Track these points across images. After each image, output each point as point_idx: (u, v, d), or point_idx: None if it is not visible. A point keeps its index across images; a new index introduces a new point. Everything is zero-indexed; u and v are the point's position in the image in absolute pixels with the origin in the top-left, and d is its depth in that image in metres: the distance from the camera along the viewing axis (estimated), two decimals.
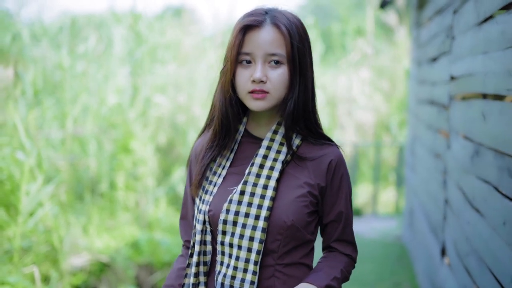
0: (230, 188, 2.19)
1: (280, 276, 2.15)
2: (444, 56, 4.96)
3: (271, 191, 2.12)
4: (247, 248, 2.10)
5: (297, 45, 2.13)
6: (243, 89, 2.13)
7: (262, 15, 2.14)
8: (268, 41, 2.10)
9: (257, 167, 2.17)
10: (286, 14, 2.17)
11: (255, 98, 2.11)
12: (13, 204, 6.82)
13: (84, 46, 10.90)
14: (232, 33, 2.16)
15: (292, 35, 2.12)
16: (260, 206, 2.10)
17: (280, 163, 2.16)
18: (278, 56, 2.11)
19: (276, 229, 2.10)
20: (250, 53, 2.11)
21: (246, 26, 2.12)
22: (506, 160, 2.78)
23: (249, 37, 2.12)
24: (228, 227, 2.12)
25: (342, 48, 17.88)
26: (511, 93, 2.71)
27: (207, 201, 2.19)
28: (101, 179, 9.10)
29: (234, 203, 2.13)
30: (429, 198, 5.75)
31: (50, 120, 9.13)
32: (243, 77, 2.13)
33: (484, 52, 3.34)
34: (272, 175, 2.15)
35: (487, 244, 3.14)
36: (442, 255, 4.79)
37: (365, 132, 14.20)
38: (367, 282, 6.54)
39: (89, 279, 7.29)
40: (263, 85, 2.10)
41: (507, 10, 2.89)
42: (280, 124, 2.21)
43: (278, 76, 2.11)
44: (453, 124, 4.42)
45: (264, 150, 2.19)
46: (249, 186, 2.14)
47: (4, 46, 10.08)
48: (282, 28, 2.11)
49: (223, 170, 2.23)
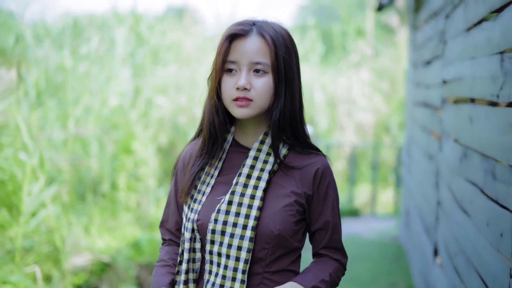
0: (218, 197, 2.21)
1: (268, 283, 2.18)
2: (437, 59, 5.04)
3: (258, 201, 2.14)
4: (235, 257, 2.12)
5: (283, 55, 2.17)
6: (228, 96, 2.16)
7: (250, 25, 2.18)
8: (253, 50, 2.14)
9: (244, 177, 2.19)
10: (273, 26, 2.21)
11: (239, 105, 2.14)
12: (15, 205, 6.87)
13: (87, 47, 10.96)
14: (220, 41, 2.19)
15: (278, 45, 2.16)
16: (248, 216, 2.13)
17: (267, 173, 2.19)
18: (263, 65, 2.14)
19: (264, 238, 2.13)
20: (235, 61, 2.15)
21: (233, 34, 2.16)
22: (491, 163, 2.86)
23: (235, 46, 2.15)
24: (217, 237, 2.15)
25: (343, 48, 17.90)
26: (495, 98, 2.79)
27: (196, 210, 2.21)
28: (102, 180, 9.15)
29: (222, 213, 2.15)
30: (423, 199, 5.83)
31: (52, 121, 9.16)
32: (228, 84, 2.16)
33: (471, 58, 3.43)
34: (259, 185, 2.17)
35: (473, 244, 3.23)
36: (434, 255, 4.88)
37: (365, 133, 14.24)
38: (363, 282, 6.60)
39: (90, 279, 7.33)
40: (247, 93, 2.13)
41: (493, 17, 2.98)
42: (267, 134, 2.24)
43: (262, 84, 2.14)
44: (445, 126, 4.51)
45: (251, 160, 2.22)
46: (236, 196, 2.16)
47: (7, 47, 10.11)
48: (267, 37, 2.15)
49: (211, 179, 2.26)
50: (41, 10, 17.22)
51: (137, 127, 9.51)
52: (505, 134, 2.61)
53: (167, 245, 2.42)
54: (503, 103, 2.68)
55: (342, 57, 17.25)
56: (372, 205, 11.57)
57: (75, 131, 9.37)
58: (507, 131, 2.57)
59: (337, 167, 13.66)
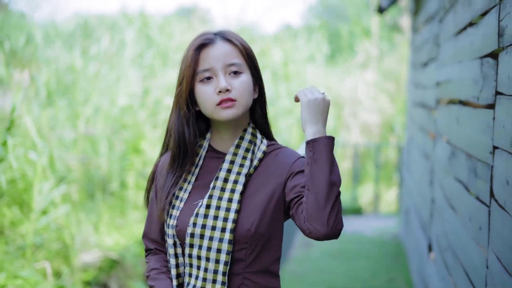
0: (196, 202, 2.23)
1: (248, 284, 2.20)
2: (432, 62, 5.20)
3: (236, 204, 2.16)
4: (214, 259, 2.14)
5: (250, 54, 2.25)
6: (210, 103, 2.18)
7: (212, 35, 2.24)
8: (224, 53, 2.18)
9: (221, 181, 2.21)
10: (234, 33, 2.28)
11: (224, 107, 2.16)
12: (26, 202, 7.01)
13: (96, 47, 11.10)
14: (186, 55, 2.22)
15: (244, 45, 2.24)
16: (226, 219, 2.15)
17: (244, 176, 2.21)
18: (237, 65, 2.19)
19: (242, 238, 2.15)
20: (209, 69, 2.17)
21: (200, 45, 2.19)
22: (473, 161, 3.03)
23: (205, 54, 2.18)
24: (196, 240, 2.17)
25: (350, 49, 17.99)
26: (476, 100, 2.96)
27: (174, 216, 2.23)
28: (111, 179, 9.27)
29: (200, 216, 2.17)
30: (420, 197, 5.99)
31: (63, 121, 9.28)
32: (206, 93, 2.18)
33: (459, 61, 3.60)
34: (236, 188, 2.19)
35: (459, 239, 3.40)
36: (429, 251, 5.04)
37: (370, 133, 14.34)
38: (363, 278, 6.74)
39: (99, 275, 7.45)
40: (229, 94, 2.16)
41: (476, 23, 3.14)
42: (242, 138, 2.27)
43: (241, 83, 2.18)
44: (438, 127, 4.67)
45: (228, 164, 2.23)
46: (214, 200, 2.18)
47: (18, 48, 10.22)
48: (233, 40, 2.22)
49: (189, 185, 2.27)
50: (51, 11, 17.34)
51: (146, 127, 9.63)
52: (482, 134, 2.78)
53: (153, 254, 2.41)
54: (482, 105, 2.84)
55: (349, 58, 17.35)
56: (375, 204, 11.70)
57: (85, 131, 9.48)
58: (485, 132, 2.73)
59: (343, 166, 13.79)
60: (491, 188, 2.58)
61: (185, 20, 17.04)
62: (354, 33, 17.77)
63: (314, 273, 6.95)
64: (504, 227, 2.34)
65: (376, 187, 11.76)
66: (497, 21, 2.56)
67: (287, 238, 7.39)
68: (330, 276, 6.77)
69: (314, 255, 7.71)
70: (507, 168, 2.30)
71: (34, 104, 7.97)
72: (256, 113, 2.34)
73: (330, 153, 2.06)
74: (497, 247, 2.46)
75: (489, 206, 2.61)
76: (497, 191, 2.46)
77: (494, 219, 2.52)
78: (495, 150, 2.53)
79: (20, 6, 14.55)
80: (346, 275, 6.81)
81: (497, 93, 2.51)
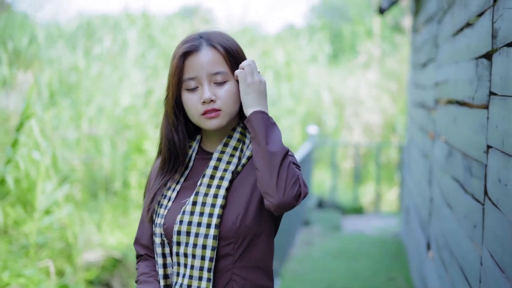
0: (184, 200, 2.23)
1: (238, 280, 2.17)
2: (431, 62, 5.24)
3: (221, 200, 2.15)
4: (200, 256, 2.13)
5: (236, 56, 2.22)
6: (195, 112, 2.19)
7: (197, 39, 2.21)
8: (208, 61, 2.16)
9: (208, 178, 2.20)
10: (218, 33, 2.25)
11: (209, 118, 2.16)
12: (29, 202, 7.06)
13: (99, 47, 11.15)
14: (171, 62, 2.22)
15: (229, 50, 2.21)
16: (211, 215, 2.14)
17: (230, 173, 2.20)
18: (221, 74, 2.17)
19: (227, 233, 2.14)
20: (194, 78, 2.16)
21: (184, 53, 2.18)
22: (469, 161, 3.08)
23: (190, 63, 2.17)
24: (182, 238, 2.16)
25: (352, 49, 18.02)
26: (471, 100, 3.01)
27: (162, 214, 2.23)
28: (114, 178, 9.33)
29: (187, 213, 2.16)
30: (419, 196, 6.04)
31: (66, 121, 9.33)
32: (192, 101, 2.18)
33: (455, 62, 3.65)
34: (222, 185, 2.18)
35: (455, 237, 3.46)
36: (427, 249, 5.09)
37: (372, 133, 14.38)
38: (363, 277, 6.78)
39: (102, 274, 7.52)
40: (213, 104, 2.15)
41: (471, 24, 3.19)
42: (231, 136, 2.27)
43: (225, 92, 2.16)
44: (436, 126, 4.72)
45: (215, 162, 2.23)
46: (200, 197, 2.18)
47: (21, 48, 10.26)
48: (218, 47, 2.18)
49: (177, 185, 2.27)
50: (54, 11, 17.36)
51: (148, 127, 9.67)
52: (477, 134, 2.83)
53: (143, 260, 2.38)
54: (477, 105, 2.89)
55: (351, 58, 17.39)
56: (376, 203, 11.75)
57: (88, 131, 9.54)
58: (479, 131, 2.79)
59: (344, 166, 13.85)
60: (485, 186, 2.63)
61: (187, 20, 17.07)
62: (356, 34, 17.80)
63: (314, 272, 6.99)
64: (496, 224, 2.39)
65: (378, 186, 11.81)
66: (491, 23, 2.61)
67: (287, 238, 7.44)
68: (330, 275, 6.82)
69: (315, 254, 7.76)
70: (500, 167, 2.35)
71: (37, 104, 8.00)
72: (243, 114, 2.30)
73: (263, 125, 2.09)
74: (490, 244, 2.51)
75: (483, 204, 2.67)
76: (491, 189, 2.51)
77: (487, 217, 2.57)
78: (489, 149, 2.58)
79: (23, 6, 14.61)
80: (346, 274, 6.85)
81: (491, 94, 2.56)
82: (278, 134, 2.13)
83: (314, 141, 10.68)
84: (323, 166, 13.91)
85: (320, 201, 11.25)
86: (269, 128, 2.11)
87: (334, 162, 11.97)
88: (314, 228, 9.32)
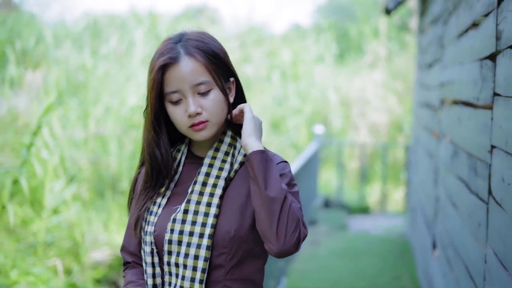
0: (175, 207, 2.15)
1: None
2: (437, 63, 5.28)
3: (215, 209, 2.08)
4: (192, 266, 2.06)
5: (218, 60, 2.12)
6: (182, 125, 2.10)
7: (174, 49, 2.09)
8: (189, 72, 2.06)
9: (199, 185, 2.13)
10: (195, 36, 2.14)
11: (196, 130, 2.08)
12: (37, 201, 7.11)
13: (106, 47, 11.19)
14: (149, 75, 2.11)
15: (210, 56, 2.11)
16: (204, 224, 2.06)
17: (223, 180, 2.13)
18: (204, 84, 2.07)
19: (220, 242, 2.07)
20: (177, 91, 2.07)
21: (162, 66, 2.07)
22: (474, 160, 3.12)
23: (169, 76, 2.07)
24: (174, 247, 2.08)
25: (358, 49, 18.03)
26: (476, 101, 3.05)
27: (152, 222, 2.14)
28: (121, 177, 9.36)
29: (178, 222, 2.09)
30: (425, 196, 6.08)
31: (73, 120, 9.37)
32: (178, 115, 2.09)
33: (460, 63, 3.70)
34: (215, 193, 2.11)
35: (460, 235, 3.50)
36: (433, 248, 5.13)
37: (378, 133, 14.39)
38: (369, 276, 6.82)
39: (109, 273, 7.52)
40: (200, 117, 2.07)
41: (476, 26, 3.23)
42: (221, 141, 2.20)
43: (211, 102, 2.08)
44: (442, 126, 4.76)
45: (206, 168, 2.15)
46: (192, 205, 2.10)
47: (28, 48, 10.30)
48: (196, 55, 2.07)
49: (167, 191, 2.19)
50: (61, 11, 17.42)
51: None
52: (481, 134, 2.87)
53: (131, 267, 2.31)
54: (482, 105, 2.93)
55: (358, 58, 17.41)
56: (382, 203, 11.78)
57: (95, 130, 9.58)
58: (483, 131, 2.83)
59: (350, 166, 13.87)
60: (489, 185, 2.67)
61: (194, 21, 17.11)
62: (363, 33, 17.80)
63: (320, 270, 7.03)
64: (500, 223, 2.43)
65: (384, 186, 11.84)
66: (495, 25, 2.64)
67: None
68: (336, 274, 6.85)
69: (321, 253, 7.80)
70: (503, 167, 2.39)
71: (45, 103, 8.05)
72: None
73: (262, 168, 2.02)
74: (494, 242, 2.54)
75: (487, 203, 2.70)
76: (495, 189, 2.55)
77: (491, 215, 2.61)
78: (493, 149, 2.61)
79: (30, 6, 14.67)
80: (352, 273, 6.89)
81: (495, 94, 2.59)
82: (277, 174, 2.04)
83: (320, 141, 10.71)
84: (330, 166, 13.93)
85: (326, 201, 11.29)
86: (268, 171, 2.03)
87: (340, 162, 12.00)
88: (320, 227, 9.35)
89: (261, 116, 12.60)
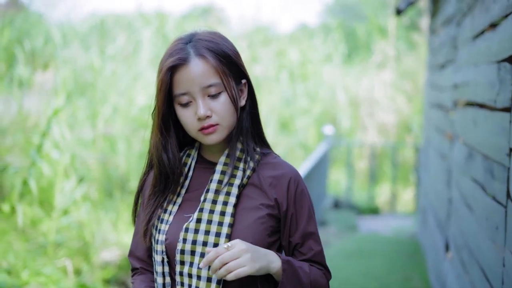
0: (187, 215, 2.07)
1: None
2: (450, 64, 5.26)
3: (229, 218, 2.00)
4: (206, 278, 1.98)
5: (229, 61, 2.05)
6: (192, 128, 2.03)
7: (183, 49, 2.01)
8: (199, 74, 1.98)
9: (212, 193, 2.05)
10: (207, 36, 2.06)
11: (206, 133, 2.01)
12: (47, 201, 7.12)
13: (113, 47, 11.20)
14: (158, 76, 2.04)
15: (220, 57, 2.03)
16: (219, 234, 1.98)
17: (236, 187, 2.05)
18: (215, 86, 1.99)
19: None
20: (186, 93, 2.00)
21: (171, 67, 1.99)
22: (490, 163, 3.10)
23: (179, 77, 2.00)
24: (186, 257, 2.00)
25: (367, 49, 18.01)
26: (493, 103, 3.03)
27: (163, 230, 2.05)
28: (130, 177, 9.37)
29: (190, 231, 2.00)
30: (436, 197, 6.06)
31: (82, 120, 9.38)
32: (187, 117, 2.02)
33: (475, 65, 3.67)
34: (229, 201, 2.03)
35: (475, 238, 3.48)
36: (446, 250, 5.11)
37: (387, 133, 14.38)
38: (379, 276, 6.80)
39: (118, 273, 7.51)
40: (210, 120, 2.00)
41: (493, 28, 3.21)
42: (233, 146, 2.11)
43: (221, 105, 2.01)
44: (455, 128, 4.74)
45: (219, 175, 2.07)
46: (205, 214, 2.02)
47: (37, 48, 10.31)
48: (207, 56, 2.00)
49: (179, 198, 2.11)
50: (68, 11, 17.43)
51: None
52: (499, 136, 2.85)
53: (139, 274, 2.23)
54: (499, 108, 2.91)
55: (366, 57, 17.39)
56: (392, 203, 11.76)
57: (104, 130, 9.59)
58: (501, 134, 2.81)
59: (360, 166, 13.86)
60: (508, 188, 2.65)
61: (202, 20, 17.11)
62: (371, 33, 17.78)
63: (331, 270, 7.01)
64: None
65: (393, 187, 11.83)
66: None
67: None
68: (346, 274, 6.84)
69: (331, 253, 7.78)
70: None
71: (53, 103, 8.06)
72: (244, 121, 2.14)
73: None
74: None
75: (506, 207, 2.68)
76: None
77: (510, 218, 2.59)
78: (511, 152, 2.59)
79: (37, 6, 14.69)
80: (362, 274, 6.87)
81: None
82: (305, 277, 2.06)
83: (330, 141, 10.70)
84: (339, 166, 13.93)
85: (336, 201, 11.29)
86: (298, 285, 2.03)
87: (349, 162, 12.00)
88: (330, 228, 9.35)
89: (269, 116, 12.60)
